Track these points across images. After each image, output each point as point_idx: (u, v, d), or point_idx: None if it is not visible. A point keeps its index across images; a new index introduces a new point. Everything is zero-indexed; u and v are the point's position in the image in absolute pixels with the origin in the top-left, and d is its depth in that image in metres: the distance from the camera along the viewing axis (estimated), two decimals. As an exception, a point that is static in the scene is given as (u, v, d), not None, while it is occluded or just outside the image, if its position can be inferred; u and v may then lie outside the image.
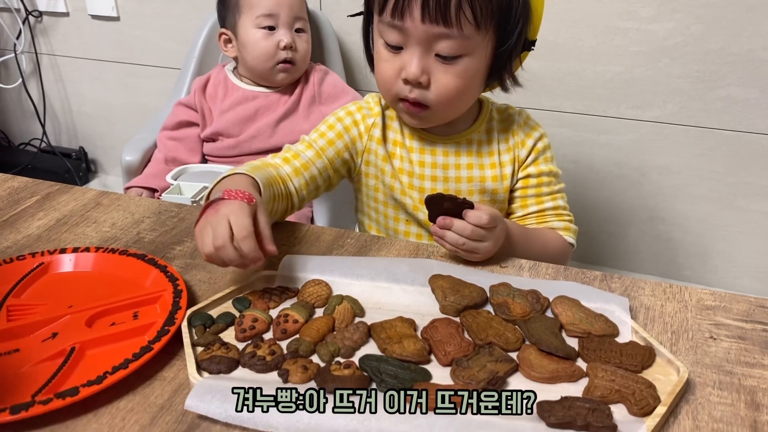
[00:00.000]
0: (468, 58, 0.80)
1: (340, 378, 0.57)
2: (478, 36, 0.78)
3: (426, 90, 0.81)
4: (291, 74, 1.41)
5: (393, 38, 0.80)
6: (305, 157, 0.89)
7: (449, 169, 0.91)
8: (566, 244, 0.92)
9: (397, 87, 0.83)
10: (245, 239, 0.65)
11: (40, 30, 2.04)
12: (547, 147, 0.94)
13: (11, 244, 0.81)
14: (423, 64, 0.79)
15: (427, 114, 0.84)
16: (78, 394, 0.55)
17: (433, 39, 0.78)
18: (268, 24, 1.36)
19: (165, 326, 0.63)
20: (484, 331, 0.64)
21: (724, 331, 0.67)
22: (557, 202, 0.94)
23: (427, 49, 0.79)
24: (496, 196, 0.93)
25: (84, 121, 2.16)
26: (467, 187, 0.91)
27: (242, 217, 0.66)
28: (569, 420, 0.52)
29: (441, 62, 0.80)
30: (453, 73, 0.80)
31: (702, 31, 1.41)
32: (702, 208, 1.59)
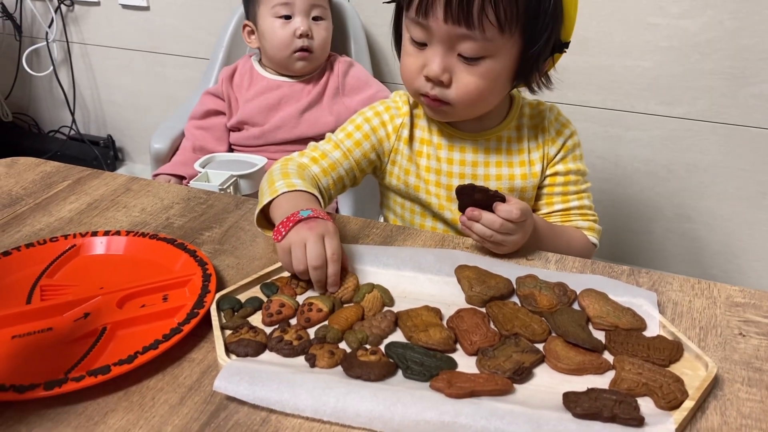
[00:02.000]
0: (491, 60, 0.79)
1: (367, 364, 0.57)
2: (502, 38, 0.77)
3: (447, 89, 0.81)
4: (310, 62, 1.40)
5: (417, 35, 0.80)
6: (333, 158, 0.89)
7: (478, 166, 0.90)
8: (590, 244, 0.91)
9: (419, 82, 0.83)
10: (335, 263, 0.69)
11: (72, 19, 2.07)
12: (576, 145, 0.93)
13: (44, 226, 0.82)
14: (445, 63, 0.79)
15: (448, 109, 0.84)
16: (109, 373, 0.56)
17: (456, 39, 0.77)
18: (285, 13, 1.37)
19: (194, 309, 0.64)
20: (510, 322, 0.64)
21: (753, 328, 0.66)
22: (583, 201, 0.93)
23: (449, 48, 0.79)
24: (524, 194, 0.92)
25: (112, 110, 2.19)
26: (495, 185, 0.90)
27: (336, 240, 0.70)
28: (595, 411, 0.52)
29: (463, 62, 0.79)
30: (475, 74, 0.80)
31: (735, 26, 1.39)
32: (729, 206, 1.57)
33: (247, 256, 0.77)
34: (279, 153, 1.40)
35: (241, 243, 0.79)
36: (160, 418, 0.54)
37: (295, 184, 0.79)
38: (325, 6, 1.41)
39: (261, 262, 0.75)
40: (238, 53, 1.58)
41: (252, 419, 0.54)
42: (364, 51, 1.59)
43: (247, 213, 0.86)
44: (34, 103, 2.30)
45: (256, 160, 1.26)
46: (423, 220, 0.95)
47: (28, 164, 0.99)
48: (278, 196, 0.77)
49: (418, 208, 0.95)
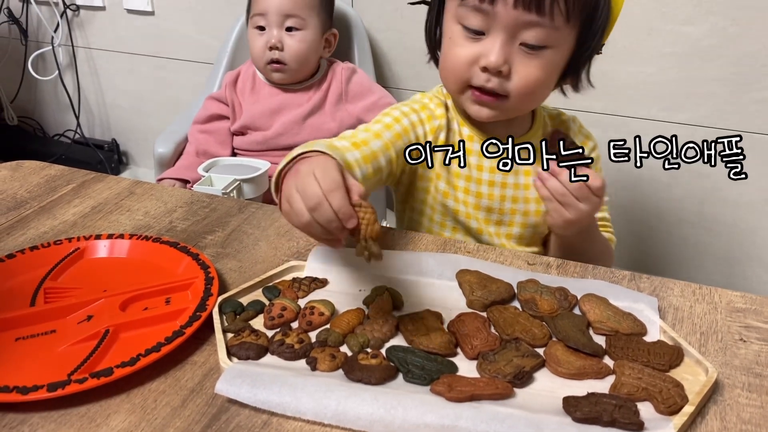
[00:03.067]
0: (552, 51, 0.78)
1: (367, 367, 0.57)
2: (566, 28, 0.76)
3: (505, 80, 0.78)
4: (286, 74, 1.39)
5: (475, 23, 0.77)
6: (374, 146, 0.81)
7: (508, 174, 0.88)
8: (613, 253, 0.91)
9: (471, 74, 0.79)
10: (332, 192, 0.56)
11: (77, 23, 2.08)
12: (599, 158, 0.92)
13: (48, 229, 0.83)
14: (506, 53, 0.77)
15: (501, 104, 0.81)
16: (112, 375, 0.56)
17: (521, 26, 0.75)
18: (260, 23, 1.38)
19: (196, 312, 0.64)
20: (510, 327, 0.64)
21: (754, 333, 0.66)
22: (604, 213, 0.92)
23: (511, 36, 0.76)
24: None
25: (117, 114, 2.20)
26: (524, 194, 0.88)
27: (330, 170, 0.58)
28: (595, 416, 0.52)
29: (525, 52, 0.77)
30: (536, 65, 0.78)
31: (738, 33, 1.39)
32: (732, 212, 1.57)
33: (250, 259, 0.77)
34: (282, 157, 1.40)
35: (243, 246, 0.80)
36: (162, 420, 0.54)
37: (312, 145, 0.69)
38: (304, 16, 1.36)
39: (263, 265, 0.76)
40: (242, 58, 1.59)
41: (253, 422, 0.54)
42: (367, 56, 1.59)
43: (249, 217, 0.86)
44: (39, 106, 2.31)
45: (260, 165, 1.27)
46: (442, 231, 0.92)
47: (32, 168, 1.00)
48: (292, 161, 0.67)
49: (438, 218, 0.91)
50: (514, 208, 0.89)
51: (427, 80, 1.57)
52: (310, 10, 1.38)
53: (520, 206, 0.89)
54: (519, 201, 0.89)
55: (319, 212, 0.56)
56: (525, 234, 0.91)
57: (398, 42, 1.67)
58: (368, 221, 0.58)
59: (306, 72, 1.43)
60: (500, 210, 0.89)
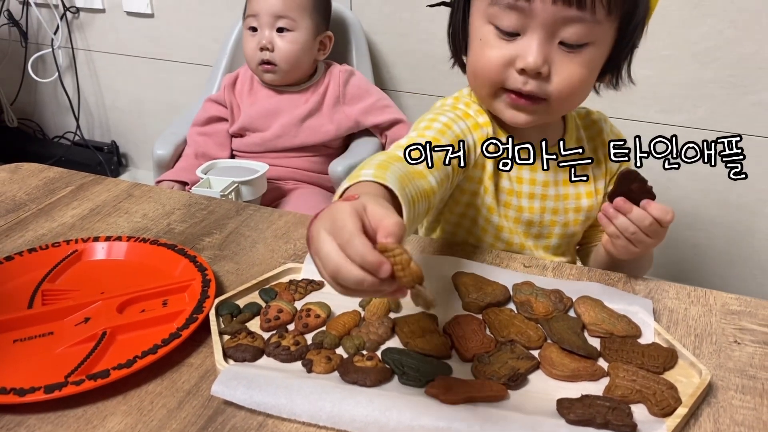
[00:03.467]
0: (593, 48, 0.73)
1: (363, 369, 0.58)
2: (607, 22, 0.71)
3: (545, 82, 0.73)
4: (277, 75, 1.40)
5: (510, 23, 0.71)
6: (446, 140, 0.75)
7: (549, 186, 0.83)
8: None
9: (506, 77, 0.74)
10: (349, 243, 0.45)
11: (77, 26, 2.08)
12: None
13: (46, 231, 0.83)
14: (545, 53, 0.71)
15: (540, 108, 0.76)
16: (109, 377, 0.56)
17: (560, 23, 0.70)
18: (252, 24, 1.38)
19: (193, 314, 0.64)
20: (506, 329, 0.65)
21: (748, 335, 0.67)
22: None
23: (550, 35, 0.71)
24: (590, 213, 0.87)
25: (117, 116, 2.20)
26: (563, 205, 0.85)
27: (340, 217, 0.46)
28: (589, 417, 0.53)
29: (565, 51, 0.72)
30: (578, 63, 0.73)
31: (735, 35, 1.39)
32: (730, 214, 1.57)
33: (247, 261, 0.77)
34: (281, 159, 1.41)
35: (241, 249, 0.80)
36: (158, 422, 0.55)
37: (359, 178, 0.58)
38: (295, 18, 1.36)
39: (260, 267, 0.76)
40: (241, 60, 1.59)
41: (249, 424, 0.54)
42: (365, 59, 1.60)
43: (247, 219, 0.87)
44: (39, 108, 2.32)
45: (258, 167, 1.27)
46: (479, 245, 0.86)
47: (31, 170, 1.00)
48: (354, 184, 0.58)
49: (477, 231, 0.86)
50: (554, 220, 0.85)
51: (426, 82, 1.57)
52: (302, 11, 1.37)
53: (560, 218, 0.86)
54: (559, 213, 0.85)
55: (342, 277, 0.45)
56: (562, 244, 0.88)
57: (397, 44, 1.68)
58: (402, 264, 0.45)
59: (298, 74, 1.43)
60: (540, 223, 0.85)
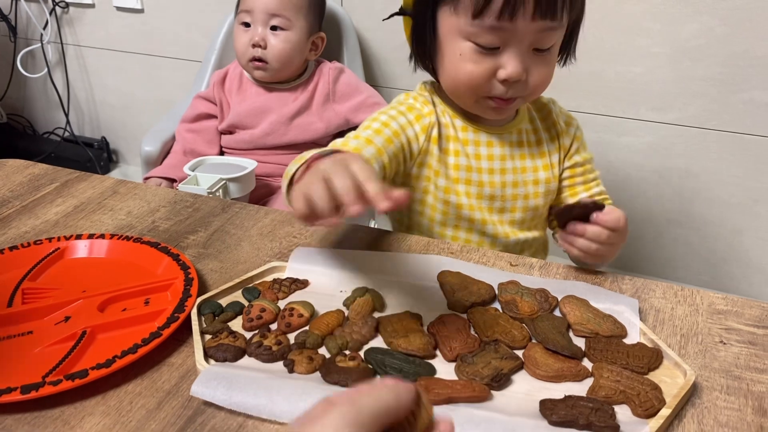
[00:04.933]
0: (556, 45, 0.82)
1: (345, 370, 0.57)
2: (566, 20, 0.80)
3: (523, 85, 0.81)
4: (267, 73, 1.39)
5: (489, 40, 0.77)
6: (367, 154, 0.80)
7: (506, 160, 0.89)
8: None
9: (489, 87, 0.80)
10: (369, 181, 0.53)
11: (67, 21, 2.07)
12: (582, 134, 0.95)
13: (29, 229, 0.82)
14: (524, 63, 0.79)
15: (516, 104, 0.84)
16: (87, 377, 0.56)
17: (538, 35, 0.77)
18: (246, 20, 1.37)
19: (175, 313, 0.64)
20: (490, 328, 0.64)
21: (734, 335, 0.66)
22: (600, 187, 0.95)
23: (528, 46, 0.78)
24: (549, 186, 0.92)
25: (107, 112, 2.19)
26: (522, 178, 0.90)
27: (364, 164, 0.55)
28: (571, 419, 0.52)
29: (538, 55, 0.80)
30: (546, 63, 0.81)
31: (726, 33, 1.39)
32: (720, 212, 1.57)
33: (231, 260, 0.77)
34: (270, 156, 1.40)
35: (225, 247, 0.79)
36: (136, 423, 0.54)
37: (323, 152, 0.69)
38: (290, 17, 1.35)
39: (245, 266, 0.75)
40: (230, 57, 1.58)
41: (228, 425, 0.54)
42: (356, 55, 1.59)
43: (232, 217, 0.86)
44: (28, 104, 2.30)
45: (246, 164, 1.26)
46: (443, 230, 0.91)
47: (16, 166, 0.99)
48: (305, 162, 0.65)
49: (439, 217, 0.90)
50: (515, 193, 0.90)
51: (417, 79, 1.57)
52: (297, 11, 1.37)
53: (520, 190, 0.90)
54: (519, 185, 0.90)
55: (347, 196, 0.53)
56: (526, 218, 0.92)
57: (388, 41, 1.67)
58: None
59: (288, 72, 1.42)
60: (502, 197, 0.89)
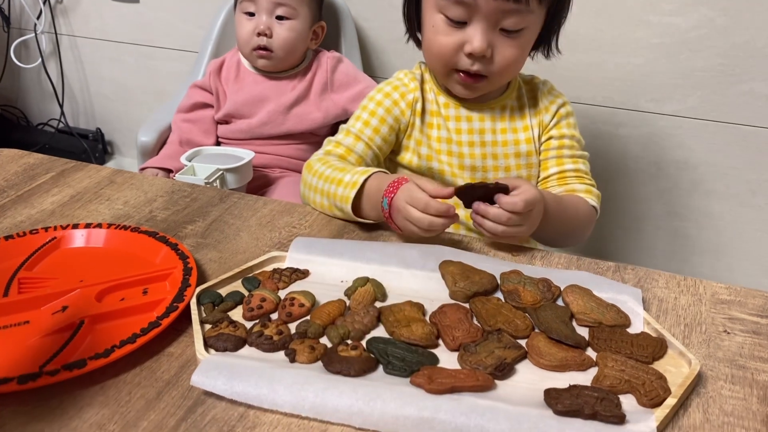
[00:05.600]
0: (527, 31, 0.85)
1: (347, 359, 0.57)
2: (539, 9, 0.84)
3: (489, 63, 0.85)
4: (271, 62, 1.38)
5: (457, 14, 0.83)
6: (358, 151, 0.91)
7: (485, 133, 0.94)
8: (589, 208, 0.92)
9: (456, 60, 0.86)
10: (428, 205, 0.71)
11: (61, 10, 2.04)
12: (569, 113, 0.98)
13: (25, 218, 0.81)
14: (488, 39, 0.83)
15: (483, 84, 0.88)
16: (85, 367, 0.55)
17: (501, 15, 0.82)
18: (250, 9, 1.36)
19: (174, 303, 0.63)
20: (493, 318, 0.63)
21: (738, 325, 0.66)
22: (578, 165, 0.96)
23: (493, 24, 0.83)
24: (530, 159, 0.96)
25: (102, 103, 2.17)
26: (503, 150, 0.94)
27: (420, 195, 0.72)
28: (577, 408, 0.52)
29: (505, 36, 0.84)
30: (514, 45, 0.85)
31: (726, 24, 1.38)
32: (719, 204, 1.57)
33: (230, 249, 0.76)
34: (267, 146, 1.39)
35: (224, 237, 0.78)
36: (136, 413, 0.53)
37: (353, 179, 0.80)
38: (295, 6, 1.35)
39: (244, 255, 0.74)
40: (227, 46, 1.57)
41: (229, 414, 0.53)
42: (354, 45, 1.58)
43: (231, 207, 0.85)
44: (22, 95, 2.28)
45: (243, 154, 1.25)
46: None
47: (11, 156, 0.98)
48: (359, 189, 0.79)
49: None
50: (496, 165, 0.95)
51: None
52: (302, 0, 1.37)
53: (500, 162, 0.95)
54: (499, 157, 0.95)
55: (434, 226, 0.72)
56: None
57: (386, 31, 1.65)
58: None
59: (291, 61, 1.41)
60: (483, 168, 0.95)
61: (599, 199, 0.95)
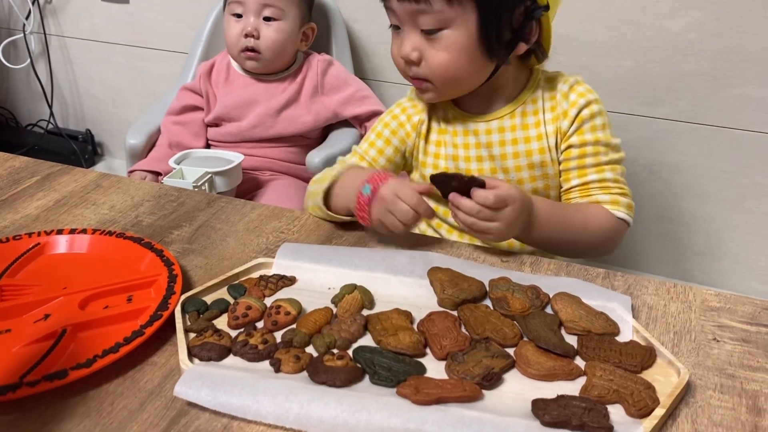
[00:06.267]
0: (450, 31, 0.81)
1: (333, 369, 0.56)
2: (452, 9, 0.80)
3: (419, 67, 0.85)
4: (259, 63, 1.37)
5: (391, 19, 0.86)
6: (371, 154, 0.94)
7: (493, 147, 0.90)
8: (613, 219, 0.85)
9: (400, 66, 0.87)
10: (420, 205, 0.73)
11: (50, 11, 2.03)
12: (594, 114, 0.87)
13: (9, 224, 0.80)
14: (413, 43, 0.83)
15: (431, 87, 0.87)
16: (67, 377, 0.54)
17: (414, 16, 0.81)
18: (237, 11, 1.36)
19: (158, 311, 0.62)
20: (481, 326, 0.63)
21: (728, 333, 0.66)
22: (604, 174, 0.87)
23: (414, 26, 0.83)
24: (546, 170, 0.89)
25: (91, 104, 2.16)
26: (513, 163, 0.90)
27: (406, 188, 0.74)
28: (564, 419, 0.51)
29: (427, 39, 0.83)
30: (439, 48, 0.82)
31: (718, 28, 1.38)
32: (711, 208, 1.57)
33: (217, 255, 0.75)
34: (257, 149, 1.38)
35: (211, 242, 0.77)
36: (118, 424, 0.52)
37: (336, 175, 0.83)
38: (283, 7, 1.34)
39: (231, 262, 0.74)
40: (217, 48, 1.56)
41: (213, 426, 0.52)
42: (345, 47, 1.57)
43: (218, 211, 0.84)
44: (11, 96, 2.26)
45: (233, 157, 1.24)
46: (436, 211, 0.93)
47: (-5, 159, 0.97)
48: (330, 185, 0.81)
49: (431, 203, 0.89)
50: (507, 179, 0.91)
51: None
52: (290, 1, 1.35)
53: (512, 176, 0.91)
54: (510, 171, 0.91)
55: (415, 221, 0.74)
56: None
57: (377, 33, 1.65)
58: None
59: (280, 63, 1.40)
60: None
61: (630, 209, 0.88)
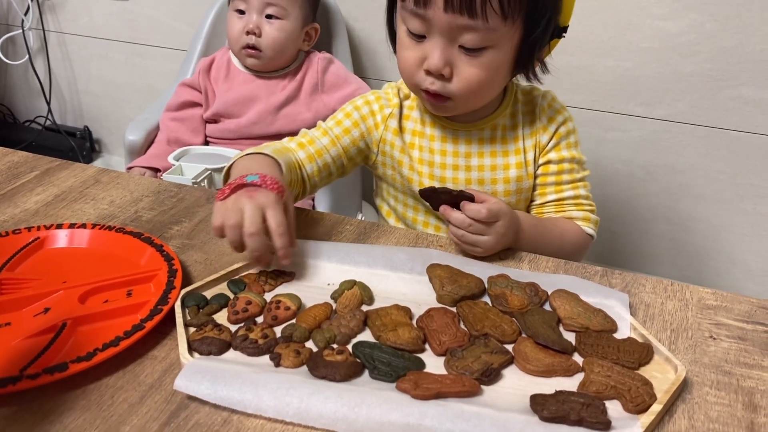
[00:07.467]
0: (493, 51, 0.76)
1: (332, 364, 0.56)
2: (505, 27, 0.74)
3: (448, 82, 0.78)
4: (260, 61, 1.38)
5: (416, 26, 0.76)
6: (320, 144, 0.88)
7: (472, 157, 0.87)
8: (584, 235, 0.89)
9: (418, 76, 0.79)
10: (282, 236, 0.66)
11: (49, 7, 2.03)
12: (570, 132, 0.90)
13: (8, 218, 0.80)
14: (446, 56, 0.76)
15: (449, 105, 0.81)
16: (67, 370, 0.54)
17: (457, 30, 0.74)
18: (240, 7, 1.36)
19: (158, 305, 0.62)
20: (480, 322, 0.63)
21: (724, 331, 0.66)
22: (578, 191, 0.90)
23: (450, 40, 0.75)
24: (521, 184, 0.89)
25: (90, 101, 2.15)
26: (491, 175, 0.88)
27: (280, 213, 0.67)
28: (562, 414, 0.52)
29: (465, 54, 0.76)
30: (477, 65, 0.77)
31: (715, 29, 1.39)
32: (707, 208, 1.58)
33: (216, 251, 0.75)
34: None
35: (210, 238, 0.78)
36: (118, 418, 0.52)
37: (260, 149, 0.79)
38: (286, 6, 1.35)
39: (230, 257, 0.74)
40: (217, 45, 1.56)
41: (213, 419, 0.53)
42: (345, 46, 1.57)
43: (218, 207, 0.84)
44: (9, 92, 2.26)
45: (232, 154, 1.24)
46: (416, 215, 0.93)
47: (-6, 154, 0.97)
48: (240, 157, 0.78)
49: (411, 202, 0.93)
50: (482, 191, 0.87)
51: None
52: (293, 0, 1.36)
53: (488, 188, 0.89)
54: (486, 182, 0.88)
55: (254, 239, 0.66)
56: None
57: (377, 32, 1.65)
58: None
59: (281, 62, 1.40)
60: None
61: (596, 225, 0.91)
